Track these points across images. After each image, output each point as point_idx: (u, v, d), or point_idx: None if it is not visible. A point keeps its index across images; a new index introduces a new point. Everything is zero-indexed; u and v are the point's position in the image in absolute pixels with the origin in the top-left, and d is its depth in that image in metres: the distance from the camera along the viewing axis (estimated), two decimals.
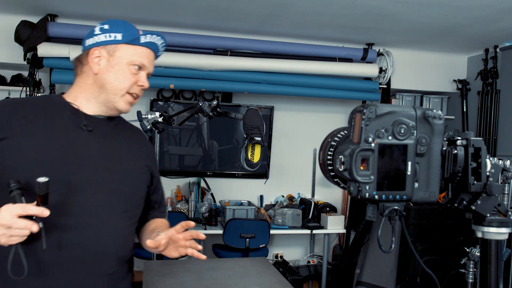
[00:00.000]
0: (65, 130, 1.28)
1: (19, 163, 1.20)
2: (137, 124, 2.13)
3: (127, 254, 1.37)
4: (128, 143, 1.42)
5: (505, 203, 0.99)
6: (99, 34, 1.33)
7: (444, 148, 0.92)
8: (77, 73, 1.37)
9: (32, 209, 1.05)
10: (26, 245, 1.13)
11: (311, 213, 4.33)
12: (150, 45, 1.35)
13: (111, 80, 1.31)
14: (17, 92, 3.81)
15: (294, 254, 4.77)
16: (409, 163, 0.88)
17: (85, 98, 1.34)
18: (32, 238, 1.10)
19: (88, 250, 1.23)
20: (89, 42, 1.35)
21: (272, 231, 3.98)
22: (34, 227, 1.06)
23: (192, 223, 1.27)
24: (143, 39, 1.33)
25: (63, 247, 1.20)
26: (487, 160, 0.93)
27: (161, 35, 1.38)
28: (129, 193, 1.35)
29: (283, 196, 4.70)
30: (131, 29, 1.34)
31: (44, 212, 1.06)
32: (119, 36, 1.32)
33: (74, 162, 1.25)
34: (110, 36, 1.32)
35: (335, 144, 0.98)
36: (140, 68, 1.34)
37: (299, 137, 4.73)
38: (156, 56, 1.42)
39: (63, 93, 1.37)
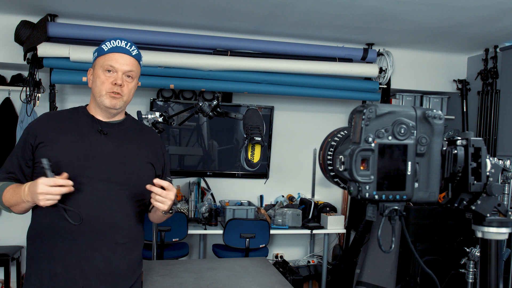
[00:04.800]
0: (87, 134, 1.64)
1: (54, 160, 1.54)
2: None
3: (137, 229, 1.71)
4: (136, 142, 1.73)
5: (505, 203, 0.99)
6: (92, 58, 1.71)
7: (444, 148, 0.92)
8: None
9: (60, 180, 1.43)
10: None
11: (311, 213, 4.33)
12: (114, 50, 1.64)
13: (94, 87, 1.66)
14: (17, 92, 3.80)
15: (294, 254, 4.77)
16: (409, 163, 0.88)
17: (93, 108, 1.70)
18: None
19: (105, 224, 1.59)
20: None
21: (272, 231, 3.98)
22: (64, 189, 1.44)
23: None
24: (105, 48, 1.64)
25: (86, 221, 1.55)
26: (487, 160, 0.93)
27: (123, 38, 1.66)
28: (136, 182, 1.66)
29: (283, 196, 4.70)
30: (102, 44, 1.65)
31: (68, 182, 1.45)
32: (96, 54, 1.68)
33: (93, 158, 1.61)
34: (93, 56, 1.70)
35: (335, 144, 0.98)
36: (112, 70, 1.62)
37: (299, 137, 4.73)
38: (134, 56, 1.67)
39: (87, 105, 1.74)
